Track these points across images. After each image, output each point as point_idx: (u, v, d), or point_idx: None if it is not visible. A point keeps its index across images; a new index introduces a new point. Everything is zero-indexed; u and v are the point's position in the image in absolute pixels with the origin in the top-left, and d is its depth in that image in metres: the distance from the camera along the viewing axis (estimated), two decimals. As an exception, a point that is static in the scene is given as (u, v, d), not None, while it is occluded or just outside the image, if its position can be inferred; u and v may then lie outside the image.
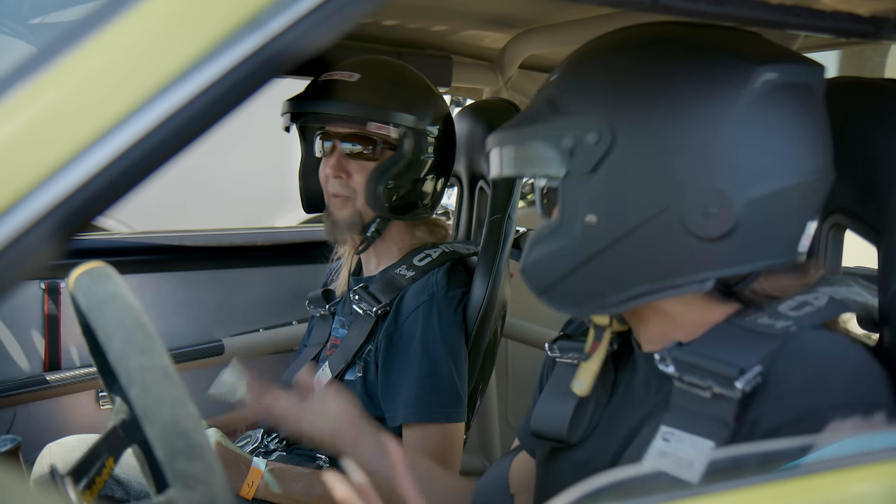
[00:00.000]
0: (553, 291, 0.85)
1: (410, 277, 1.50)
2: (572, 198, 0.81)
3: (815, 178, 0.79)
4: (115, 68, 0.55)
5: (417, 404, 1.39)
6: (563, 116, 0.82)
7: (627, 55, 0.82)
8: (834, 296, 0.82)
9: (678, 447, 0.77)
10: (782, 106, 0.77)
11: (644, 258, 0.79)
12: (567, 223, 0.81)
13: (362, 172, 1.47)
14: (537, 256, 0.85)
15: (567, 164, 0.80)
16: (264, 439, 1.58)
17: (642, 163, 0.77)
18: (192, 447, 0.57)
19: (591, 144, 0.78)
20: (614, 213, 0.79)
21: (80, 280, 0.64)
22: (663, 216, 0.77)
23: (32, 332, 1.85)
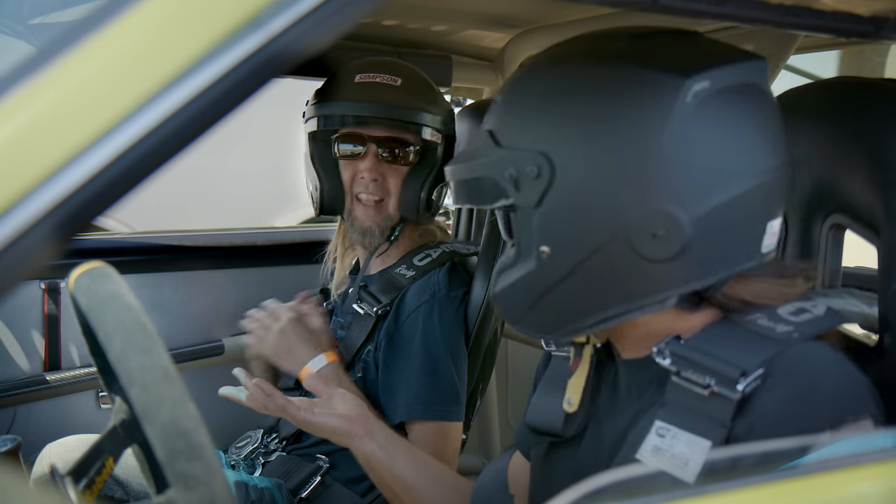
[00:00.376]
0: (525, 320, 0.85)
1: (411, 277, 1.50)
2: (524, 229, 0.81)
3: (767, 178, 0.77)
4: (115, 68, 0.55)
5: (418, 402, 1.40)
6: (504, 150, 0.80)
7: (555, 80, 0.80)
8: (831, 306, 0.81)
9: (673, 443, 0.76)
10: (720, 114, 0.74)
11: (603, 283, 0.78)
12: (524, 254, 0.81)
13: (396, 176, 1.48)
14: (503, 286, 0.85)
15: (514, 198, 0.80)
16: (264, 439, 1.58)
17: (584, 191, 0.76)
18: (192, 447, 0.57)
19: (532, 178, 0.77)
20: (565, 243, 0.78)
21: (80, 280, 0.64)
22: (613, 242, 0.76)
23: (32, 332, 1.85)
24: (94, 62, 0.54)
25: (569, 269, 0.78)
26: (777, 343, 0.76)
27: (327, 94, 1.50)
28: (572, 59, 0.81)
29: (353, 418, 1.12)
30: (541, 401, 0.97)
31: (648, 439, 0.78)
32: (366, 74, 1.46)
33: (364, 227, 1.49)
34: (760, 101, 0.77)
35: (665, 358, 0.80)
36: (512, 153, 0.79)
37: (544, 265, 0.80)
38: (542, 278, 0.80)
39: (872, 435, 0.69)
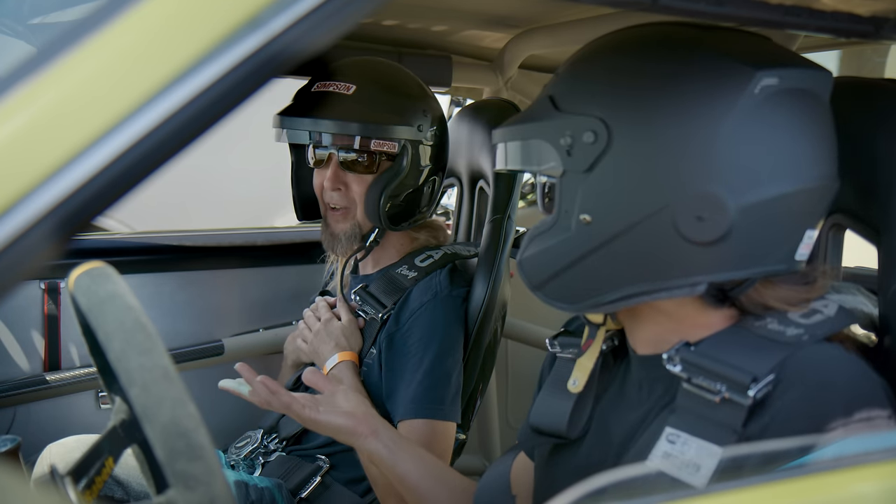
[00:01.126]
0: (547, 287, 0.85)
1: (413, 278, 1.50)
2: (568, 196, 0.81)
3: (816, 185, 0.78)
4: (115, 68, 0.55)
5: (415, 401, 1.40)
6: (562, 115, 0.82)
7: (627, 55, 0.82)
8: (843, 304, 0.81)
9: (684, 450, 0.76)
10: (783, 112, 0.76)
11: (636, 259, 0.79)
12: (563, 220, 0.82)
13: (360, 184, 1.46)
14: (533, 252, 0.85)
15: (564, 163, 0.81)
16: (264, 439, 1.58)
17: (637, 164, 0.77)
18: (192, 447, 0.57)
19: (588, 143, 0.78)
20: (608, 213, 0.79)
21: (80, 280, 0.64)
22: (656, 218, 0.77)
23: (32, 332, 1.85)
24: (94, 62, 0.54)
25: (605, 239, 0.79)
26: (787, 347, 0.75)
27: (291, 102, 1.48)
28: (644, 39, 0.83)
29: (359, 417, 1.11)
30: (545, 402, 0.96)
31: (659, 445, 0.78)
32: (322, 83, 1.45)
33: (333, 234, 1.51)
34: (819, 110, 0.79)
35: (675, 365, 0.80)
36: (570, 118, 0.81)
37: (582, 233, 0.80)
38: (577, 246, 0.81)
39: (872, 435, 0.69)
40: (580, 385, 0.93)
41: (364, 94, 1.43)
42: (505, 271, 1.61)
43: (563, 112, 0.82)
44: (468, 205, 1.84)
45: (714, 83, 0.76)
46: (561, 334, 1.01)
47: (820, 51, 1.84)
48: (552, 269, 0.84)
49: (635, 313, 0.87)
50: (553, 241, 0.83)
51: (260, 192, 3.96)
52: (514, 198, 1.64)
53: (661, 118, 0.76)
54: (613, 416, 0.90)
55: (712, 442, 0.75)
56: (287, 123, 1.46)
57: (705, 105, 0.76)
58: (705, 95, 0.76)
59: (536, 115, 0.85)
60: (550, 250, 0.83)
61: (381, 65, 1.54)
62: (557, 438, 0.94)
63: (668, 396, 0.83)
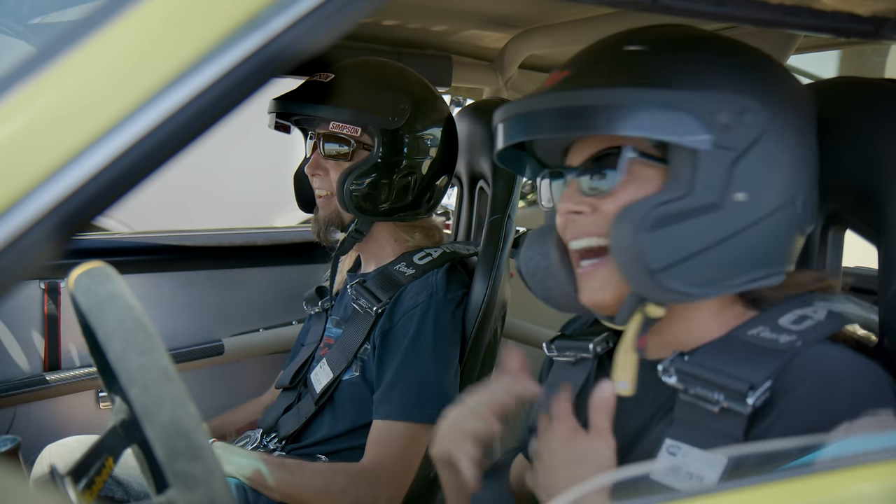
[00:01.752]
0: (674, 270, 0.78)
1: (410, 275, 1.49)
2: (715, 172, 0.77)
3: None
4: (115, 68, 0.55)
5: (400, 402, 1.40)
6: (715, 90, 0.78)
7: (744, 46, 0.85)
8: (832, 308, 0.81)
9: (687, 462, 0.75)
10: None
11: (772, 241, 0.82)
12: (706, 197, 0.77)
13: (337, 171, 1.49)
14: (661, 231, 0.77)
15: (718, 139, 0.77)
16: (263, 439, 1.58)
17: (787, 150, 0.81)
18: (192, 447, 0.57)
19: (747, 124, 0.78)
20: (763, 194, 0.79)
21: (80, 280, 0.64)
22: (794, 203, 0.82)
23: (32, 332, 1.85)
24: (95, 62, 0.54)
25: (757, 219, 0.79)
26: (782, 354, 0.75)
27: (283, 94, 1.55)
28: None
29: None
30: None
31: (660, 458, 0.77)
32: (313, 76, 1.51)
33: (316, 219, 1.56)
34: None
35: (671, 376, 0.79)
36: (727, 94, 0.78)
37: (735, 212, 0.78)
38: (728, 225, 0.78)
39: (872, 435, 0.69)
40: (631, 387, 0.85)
41: (339, 82, 1.48)
42: (505, 271, 1.61)
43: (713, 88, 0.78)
44: (468, 204, 1.84)
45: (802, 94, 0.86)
46: (558, 338, 1.01)
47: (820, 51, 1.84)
48: (690, 249, 0.77)
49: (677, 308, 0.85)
50: (694, 219, 0.77)
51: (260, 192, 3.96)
52: (513, 198, 1.63)
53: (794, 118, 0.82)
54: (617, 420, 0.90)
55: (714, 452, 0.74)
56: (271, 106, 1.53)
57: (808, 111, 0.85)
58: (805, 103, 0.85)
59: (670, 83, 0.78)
60: (691, 228, 0.77)
61: (377, 63, 1.56)
62: None
63: (672, 400, 0.82)
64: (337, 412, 1.50)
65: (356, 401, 1.48)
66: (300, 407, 1.56)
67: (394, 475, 1.38)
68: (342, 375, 1.49)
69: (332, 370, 1.50)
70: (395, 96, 1.48)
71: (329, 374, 1.50)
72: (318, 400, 1.50)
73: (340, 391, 1.50)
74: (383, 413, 1.40)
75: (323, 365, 1.53)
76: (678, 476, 0.75)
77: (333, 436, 1.49)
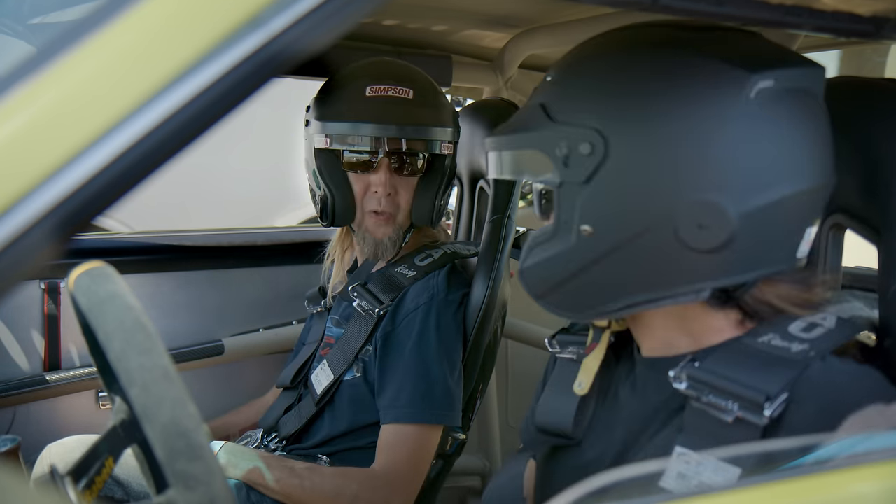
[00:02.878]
0: (550, 297, 0.84)
1: (412, 277, 1.49)
2: (567, 206, 0.80)
3: (816, 184, 0.78)
4: (115, 68, 0.55)
5: (407, 405, 1.39)
6: (556, 125, 0.80)
7: (618, 61, 0.80)
8: (840, 314, 0.80)
9: (700, 471, 0.74)
10: (780, 114, 0.75)
11: (640, 268, 0.78)
12: (563, 231, 0.81)
13: (407, 188, 1.47)
14: (534, 261, 0.85)
15: (561, 173, 0.79)
16: (264, 439, 1.58)
17: (636, 174, 0.76)
18: (192, 447, 0.57)
19: (585, 154, 0.77)
20: (609, 224, 0.78)
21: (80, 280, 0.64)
22: (658, 227, 0.76)
23: (32, 332, 1.85)
24: (95, 62, 0.54)
25: (608, 249, 0.78)
26: (795, 364, 0.74)
27: (335, 109, 1.45)
28: (635, 44, 0.81)
29: None
30: (549, 402, 0.96)
31: (671, 466, 0.76)
32: (376, 87, 1.43)
33: (377, 240, 1.49)
34: (815, 108, 0.79)
35: (682, 383, 0.79)
36: (565, 128, 0.79)
37: (583, 244, 0.79)
38: (579, 257, 0.80)
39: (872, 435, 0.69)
40: (586, 387, 0.92)
41: (422, 97, 1.46)
42: (505, 271, 1.61)
43: (557, 122, 0.81)
44: (468, 204, 1.84)
45: (710, 88, 0.75)
46: (559, 333, 1.01)
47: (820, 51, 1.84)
48: (554, 280, 0.83)
49: (641, 317, 0.86)
50: (553, 251, 0.82)
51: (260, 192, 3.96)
52: (514, 198, 1.64)
53: (658, 126, 0.75)
54: (616, 416, 0.90)
55: (728, 462, 0.73)
56: (346, 129, 1.43)
57: (702, 111, 0.74)
58: (702, 101, 0.75)
59: (529, 124, 0.83)
60: (552, 260, 0.82)
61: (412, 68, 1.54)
62: (563, 438, 0.94)
63: (675, 401, 0.82)
64: (336, 413, 1.50)
65: (356, 401, 1.48)
66: (301, 407, 1.56)
67: (406, 478, 1.38)
68: (343, 376, 1.49)
69: (333, 371, 1.50)
70: (450, 105, 1.53)
71: (330, 375, 1.50)
72: (318, 401, 1.50)
73: (341, 392, 1.50)
74: (392, 417, 1.40)
75: (324, 366, 1.52)
76: (689, 484, 0.74)
77: (333, 436, 1.49)
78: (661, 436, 0.82)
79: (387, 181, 1.44)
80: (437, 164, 1.50)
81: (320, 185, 1.48)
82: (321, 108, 1.48)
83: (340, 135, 1.43)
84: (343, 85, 1.47)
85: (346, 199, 1.47)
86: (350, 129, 1.42)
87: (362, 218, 1.49)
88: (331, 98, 1.47)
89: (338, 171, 1.47)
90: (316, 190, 1.51)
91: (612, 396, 0.92)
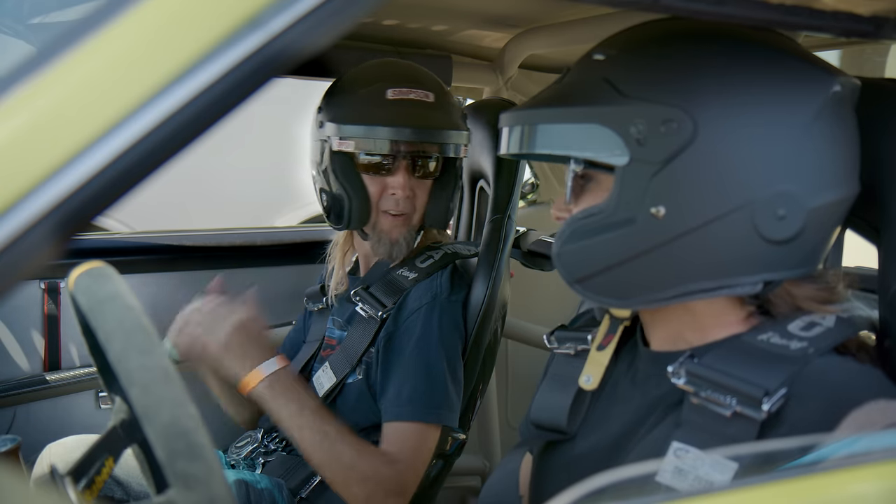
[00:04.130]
0: (591, 281, 0.81)
1: (413, 279, 1.50)
2: (633, 186, 0.77)
3: (856, 189, 0.81)
4: (115, 68, 0.55)
5: (407, 403, 1.39)
6: (630, 101, 0.77)
7: (694, 46, 0.79)
8: (840, 314, 0.81)
9: (697, 466, 0.74)
10: (844, 118, 0.79)
11: (708, 255, 0.77)
12: (622, 212, 0.78)
13: (423, 189, 1.48)
14: (580, 243, 0.81)
15: (632, 152, 0.76)
16: (264, 439, 1.58)
17: (724, 159, 0.75)
18: (192, 448, 0.57)
19: (665, 134, 0.75)
20: (686, 207, 0.76)
21: (80, 280, 0.64)
22: (736, 214, 0.76)
23: (32, 332, 1.85)
24: (95, 62, 0.54)
25: (679, 232, 0.77)
26: (794, 361, 0.75)
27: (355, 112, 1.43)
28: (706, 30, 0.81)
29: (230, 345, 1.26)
30: (545, 398, 0.96)
31: (668, 461, 0.76)
32: (397, 90, 1.42)
33: (392, 240, 1.48)
34: (855, 117, 0.82)
35: (680, 378, 0.78)
36: (642, 105, 0.77)
37: (651, 226, 0.77)
38: (643, 239, 0.78)
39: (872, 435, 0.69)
40: (595, 382, 0.91)
41: (442, 101, 1.46)
42: (505, 271, 1.61)
43: (631, 98, 0.77)
44: (468, 204, 1.84)
45: (797, 85, 0.77)
46: (558, 329, 1.01)
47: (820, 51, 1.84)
48: (604, 263, 0.80)
49: (664, 311, 0.85)
50: (609, 233, 0.79)
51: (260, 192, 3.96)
52: (514, 198, 1.64)
53: (747, 114, 0.75)
54: (614, 409, 0.90)
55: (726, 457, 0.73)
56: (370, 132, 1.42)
57: (790, 106, 0.76)
58: (790, 96, 0.76)
59: (592, 98, 0.80)
60: (606, 242, 0.79)
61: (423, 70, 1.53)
62: (557, 433, 0.94)
63: (673, 396, 0.82)
64: (337, 414, 1.50)
65: (356, 404, 1.48)
66: (301, 408, 1.56)
67: (405, 476, 1.38)
68: (346, 379, 1.49)
69: (336, 374, 1.50)
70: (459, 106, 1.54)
71: (332, 377, 1.50)
72: None
73: (342, 394, 1.50)
74: (393, 415, 1.40)
75: (325, 368, 1.52)
76: (686, 479, 0.74)
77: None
78: (657, 430, 0.82)
79: (406, 183, 1.44)
80: (450, 165, 1.50)
81: (334, 187, 1.46)
82: (337, 110, 1.45)
83: (362, 138, 1.42)
84: (359, 87, 1.45)
85: (363, 202, 1.45)
86: (374, 132, 1.41)
87: (377, 219, 1.48)
88: (348, 100, 1.45)
89: (353, 173, 1.45)
90: (327, 190, 1.49)
91: (610, 389, 0.92)
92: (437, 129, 1.43)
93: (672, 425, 0.80)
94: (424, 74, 1.50)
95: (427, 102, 1.44)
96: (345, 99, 1.46)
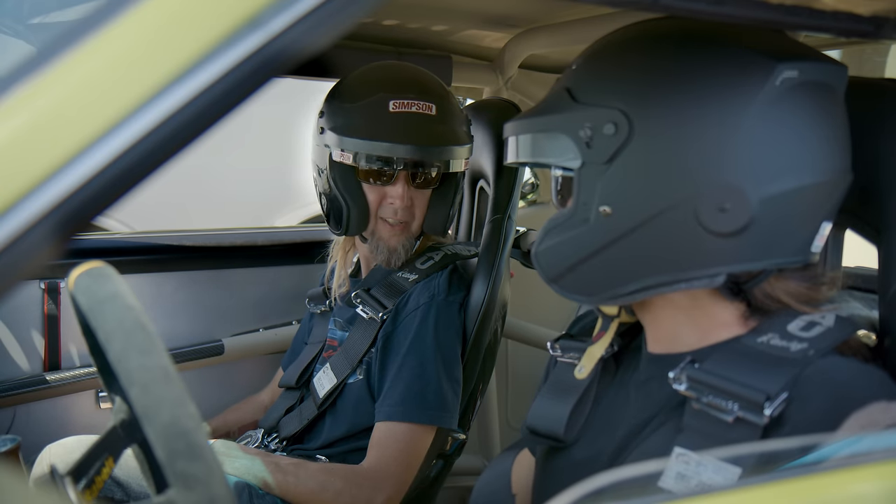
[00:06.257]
0: (564, 279, 0.85)
1: (413, 280, 1.50)
2: (587, 188, 0.81)
3: (831, 178, 0.79)
4: (115, 68, 0.55)
5: (401, 403, 1.39)
6: (581, 107, 0.81)
7: (644, 46, 0.82)
8: (839, 313, 0.81)
9: (699, 471, 0.74)
10: (801, 104, 0.77)
11: (656, 250, 0.79)
12: (581, 212, 0.82)
13: (422, 198, 1.48)
14: (550, 244, 0.85)
15: (583, 155, 0.80)
16: (264, 439, 1.58)
17: (658, 155, 0.77)
18: (192, 447, 0.57)
19: (608, 135, 0.78)
20: (629, 205, 0.79)
21: (80, 280, 0.64)
22: (677, 209, 0.77)
23: (32, 332, 1.85)
24: (95, 62, 0.54)
25: (626, 230, 0.79)
26: (795, 363, 0.74)
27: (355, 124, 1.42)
28: (663, 33, 0.82)
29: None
30: (543, 405, 0.96)
31: (671, 466, 0.76)
32: (399, 101, 1.41)
33: (390, 248, 1.49)
34: (835, 104, 0.80)
35: (681, 384, 0.79)
36: (590, 109, 0.80)
37: (601, 225, 0.80)
38: (596, 238, 0.81)
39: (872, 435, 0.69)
40: (586, 372, 0.93)
41: (444, 112, 1.45)
42: (505, 271, 1.61)
43: (582, 104, 0.82)
44: (468, 205, 1.84)
45: (736, 75, 0.76)
46: (562, 337, 1.01)
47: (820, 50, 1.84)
48: (570, 261, 0.84)
49: (650, 308, 0.87)
50: (571, 232, 0.83)
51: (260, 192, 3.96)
52: (514, 198, 1.63)
53: (684, 109, 0.76)
54: (619, 413, 0.90)
55: (729, 462, 0.73)
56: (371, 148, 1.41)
57: (728, 97, 0.76)
58: (728, 87, 0.76)
59: (553, 107, 0.84)
60: (568, 242, 0.83)
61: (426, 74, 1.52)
62: (553, 441, 0.94)
63: (676, 398, 0.82)
64: (337, 415, 1.50)
65: (357, 404, 1.48)
66: (302, 409, 1.56)
67: (394, 476, 1.38)
68: (346, 380, 1.50)
69: (336, 375, 1.50)
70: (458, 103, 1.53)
71: (333, 378, 1.50)
72: (321, 405, 1.51)
73: (343, 395, 1.50)
74: (385, 415, 1.40)
75: (326, 369, 1.53)
76: (688, 484, 0.74)
77: (334, 439, 1.50)
78: (658, 434, 0.82)
79: (405, 193, 1.45)
80: (451, 175, 1.51)
81: (334, 194, 1.47)
82: (338, 119, 1.44)
83: (362, 152, 1.42)
84: (361, 96, 1.44)
85: (363, 210, 1.47)
86: (375, 148, 1.41)
87: (375, 226, 1.49)
88: (349, 110, 1.44)
89: (353, 181, 1.46)
90: (327, 194, 1.50)
91: (614, 393, 0.92)
92: (437, 145, 1.43)
93: (673, 430, 0.80)
94: (427, 82, 1.48)
95: (429, 116, 1.42)
96: (346, 109, 1.45)
